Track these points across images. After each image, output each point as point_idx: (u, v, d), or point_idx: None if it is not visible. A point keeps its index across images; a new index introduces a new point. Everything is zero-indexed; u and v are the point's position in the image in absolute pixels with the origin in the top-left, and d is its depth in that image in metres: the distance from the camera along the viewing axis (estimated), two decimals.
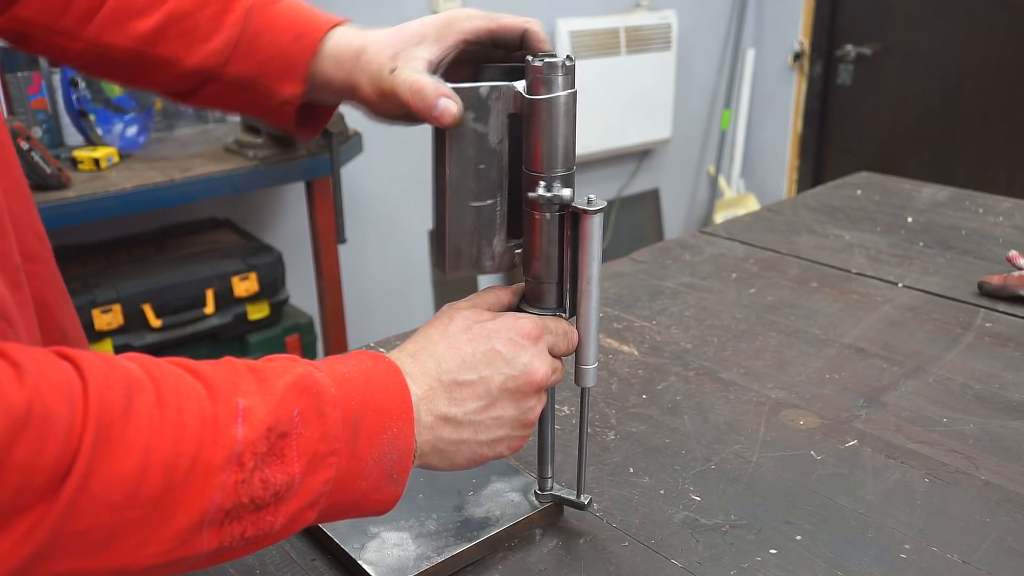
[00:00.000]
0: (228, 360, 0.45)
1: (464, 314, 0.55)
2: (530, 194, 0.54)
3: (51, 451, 0.35)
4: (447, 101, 0.53)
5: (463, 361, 0.52)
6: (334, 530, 0.61)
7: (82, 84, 1.80)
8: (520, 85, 0.54)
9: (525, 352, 0.53)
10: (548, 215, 0.55)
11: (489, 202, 0.56)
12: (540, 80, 0.52)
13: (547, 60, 0.52)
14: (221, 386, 0.42)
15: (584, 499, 0.63)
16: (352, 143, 2.01)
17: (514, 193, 0.57)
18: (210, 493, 0.40)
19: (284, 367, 0.45)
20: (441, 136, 0.55)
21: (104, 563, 0.38)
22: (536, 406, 0.55)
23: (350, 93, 0.61)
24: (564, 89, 0.53)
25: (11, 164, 0.55)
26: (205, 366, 0.43)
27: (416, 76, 0.54)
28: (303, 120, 0.66)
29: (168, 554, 0.40)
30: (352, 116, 2.19)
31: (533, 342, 0.54)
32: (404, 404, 0.49)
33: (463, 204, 0.56)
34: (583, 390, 0.61)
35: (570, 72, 0.53)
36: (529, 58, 0.53)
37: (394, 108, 0.57)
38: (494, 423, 0.53)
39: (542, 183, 0.54)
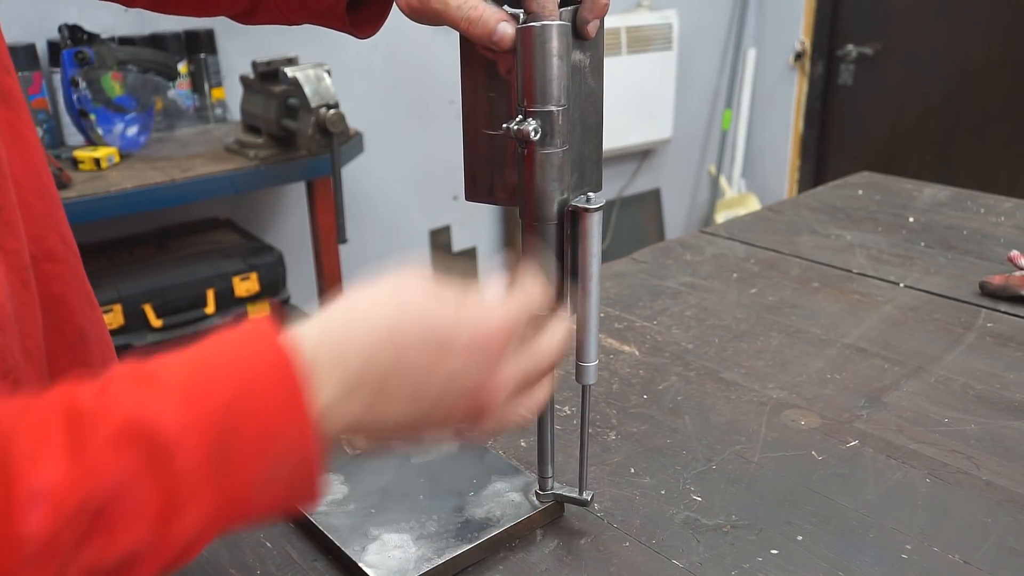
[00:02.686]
0: (51, 401, 0.36)
1: (420, 302, 0.43)
2: (503, 124, 0.53)
3: None
4: (505, 25, 0.51)
5: (398, 364, 0.42)
6: (335, 532, 0.61)
7: (83, 84, 1.80)
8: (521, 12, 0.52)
9: (483, 371, 0.44)
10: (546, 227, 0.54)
11: (501, 131, 0.55)
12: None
13: None
14: (17, 461, 0.33)
15: (587, 495, 0.63)
16: (353, 143, 2.01)
17: None
18: None
19: (108, 407, 0.36)
20: (462, 60, 0.55)
21: None
22: (483, 419, 0.46)
23: None
24: (543, 21, 0.50)
25: (38, 164, 0.55)
26: (10, 422, 0.35)
27: (470, 3, 0.51)
28: (360, 20, 0.65)
29: None
30: (353, 117, 2.19)
31: (496, 356, 0.44)
32: (294, 409, 0.39)
33: (477, 131, 0.56)
34: (584, 387, 0.61)
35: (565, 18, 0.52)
36: None
37: (428, 21, 0.55)
38: (420, 422, 0.44)
39: (518, 117, 0.52)
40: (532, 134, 0.51)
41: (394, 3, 0.59)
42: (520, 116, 0.52)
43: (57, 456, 0.34)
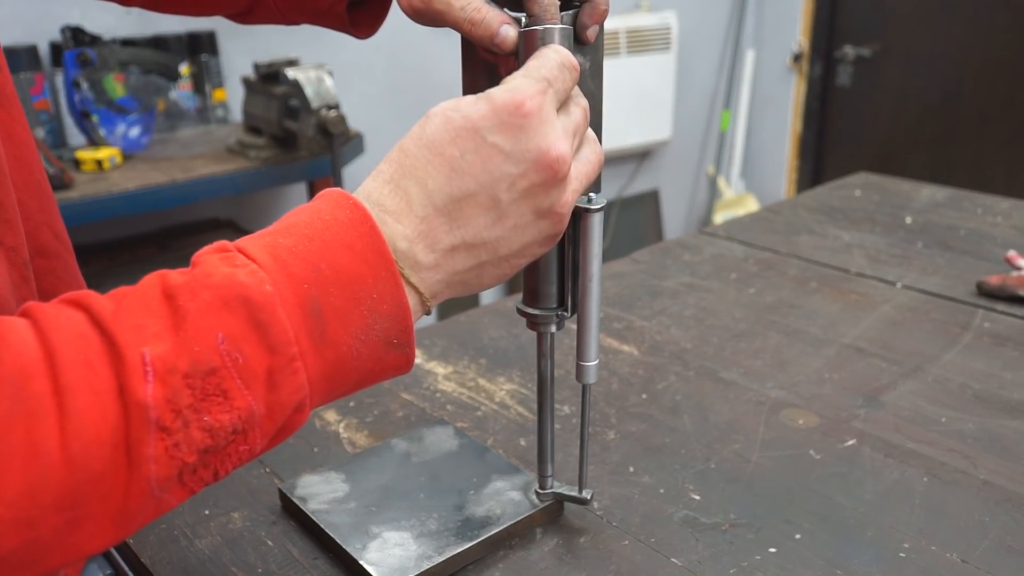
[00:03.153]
0: (146, 285, 0.38)
1: (441, 107, 0.45)
2: None
3: None
4: (507, 28, 0.50)
5: (452, 169, 0.43)
6: (336, 530, 0.62)
7: (85, 85, 1.81)
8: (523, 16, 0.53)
9: (526, 133, 0.43)
10: None
11: None
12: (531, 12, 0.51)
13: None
14: (126, 336, 0.35)
15: (586, 494, 0.64)
16: (353, 144, 2.01)
17: None
18: (142, 470, 0.35)
19: (201, 278, 0.38)
20: (463, 62, 0.55)
21: (61, 558, 0.36)
22: (563, 192, 0.45)
23: None
24: (545, 25, 0.50)
25: (30, 161, 0.55)
26: (112, 307, 0.37)
27: (473, 6, 0.52)
28: (359, 20, 0.65)
29: (128, 530, 0.37)
30: (353, 117, 2.19)
31: (535, 114, 0.43)
32: (379, 260, 0.41)
33: None
34: (584, 386, 0.61)
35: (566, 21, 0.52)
36: None
37: (430, 23, 0.55)
38: (514, 232, 0.45)
39: None
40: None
41: (394, 3, 0.59)
42: None
43: (161, 328, 0.36)
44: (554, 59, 0.46)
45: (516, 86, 0.44)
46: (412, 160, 0.44)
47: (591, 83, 0.56)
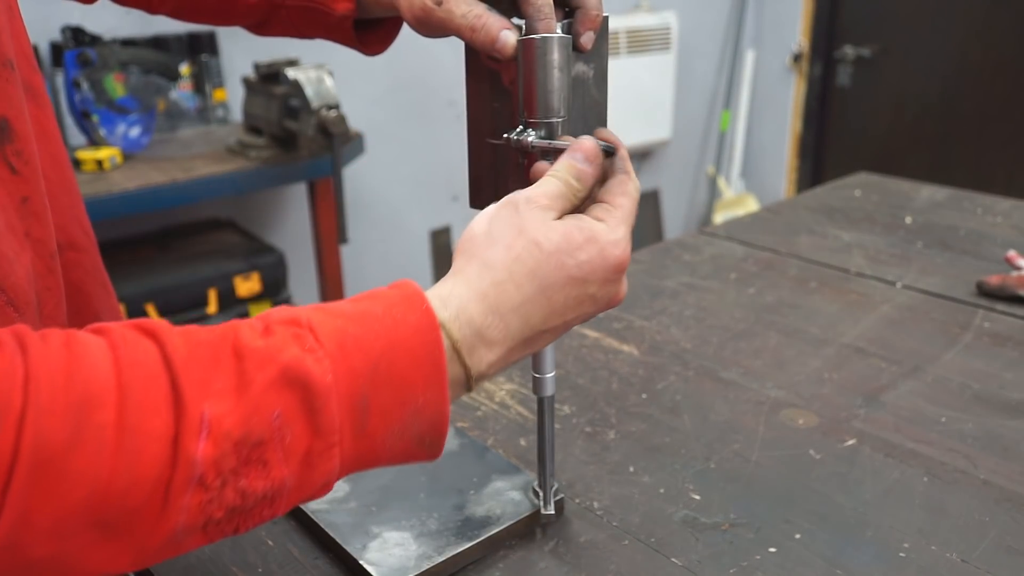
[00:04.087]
0: (219, 337, 0.40)
1: (556, 241, 0.46)
2: (504, 135, 0.54)
3: None
4: (508, 33, 0.52)
5: (552, 311, 0.46)
6: (336, 530, 0.62)
7: (85, 85, 1.81)
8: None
9: (617, 285, 0.49)
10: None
11: (503, 141, 0.55)
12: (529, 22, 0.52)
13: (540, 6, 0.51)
14: (192, 389, 0.37)
15: (549, 509, 0.63)
16: (354, 144, 2.02)
17: None
18: (172, 516, 0.37)
19: (272, 351, 0.39)
20: (467, 70, 0.56)
21: (80, 572, 0.37)
22: (621, 285, 0.50)
23: (394, 10, 0.61)
24: (543, 33, 0.51)
25: (61, 158, 0.57)
26: (184, 353, 0.38)
27: (474, 13, 0.53)
28: (368, 38, 0.67)
29: (144, 564, 0.39)
30: (354, 117, 2.19)
31: (624, 271, 0.49)
32: (435, 373, 0.42)
33: (481, 140, 0.57)
34: (542, 400, 0.61)
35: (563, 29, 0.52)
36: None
37: (433, 32, 0.57)
38: (565, 326, 0.49)
39: (519, 127, 0.53)
40: (531, 146, 0.52)
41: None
42: (521, 127, 0.53)
43: (225, 390, 0.38)
44: (636, 198, 0.51)
45: (622, 242, 0.48)
46: (522, 297, 0.46)
47: (595, 91, 0.56)
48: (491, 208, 0.48)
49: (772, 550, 0.62)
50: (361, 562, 0.59)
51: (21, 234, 0.48)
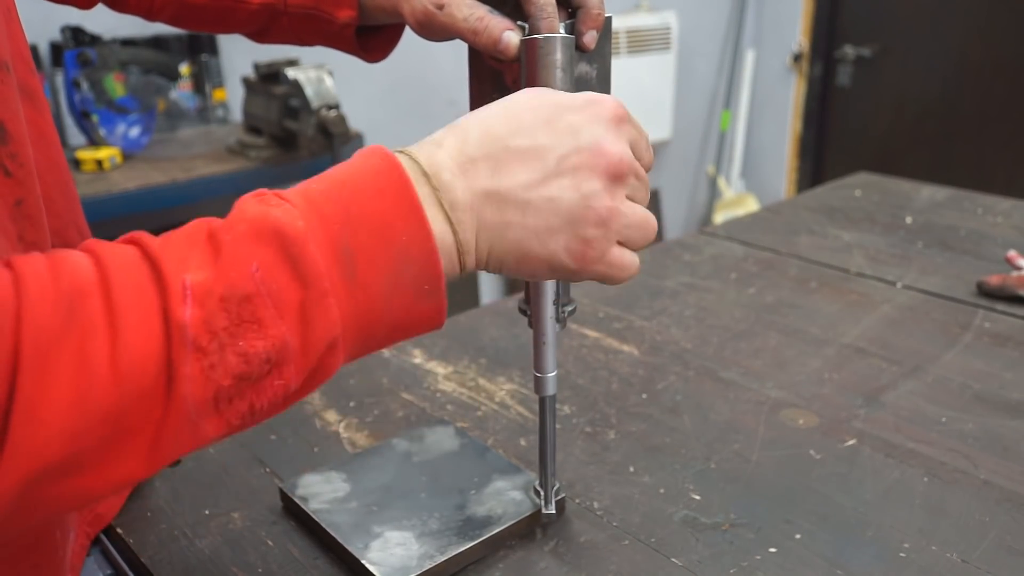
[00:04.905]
0: (192, 226, 0.41)
1: (535, 89, 0.47)
2: None
3: None
4: (510, 34, 0.52)
5: (519, 127, 0.44)
6: (338, 530, 0.62)
7: (85, 85, 1.81)
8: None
9: (599, 126, 0.45)
10: None
11: None
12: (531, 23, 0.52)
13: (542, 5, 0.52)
14: (170, 266, 0.38)
15: (551, 509, 0.63)
16: (354, 144, 2.01)
17: None
18: (178, 390, 0.37)
19: (238, 214, 0.40)
20: (470, 71, 0.56)
21: (99, 478, 0.37)
22: (604, 194, 0.45)
23: (397, 16, 0.61)
24: (543, 33, 0.52)
25: (59, 161, 0.57)
26: (160, 242, 0.39)
27: (476, 15, 0.54)
28: (370, 45, 0.68)
29: (165, 456, 0.38)
30: (354, 117, 2.19)
31: (613, 123, 0.45)
32: (409, 206, 0.41)
33: None
34: (543, 399, 0.61)
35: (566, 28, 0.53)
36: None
37: (437, 36, 0.57)
38: (546, 205, 0.44)
39: None
40: None
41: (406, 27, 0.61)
42: None
43: (202, 260, 0.38)
44: (637, 125, 0.48)
45: (608, 99, 0.46)
46: (486, 114, 0.46)
47: (598, 91, 0.56)
48: None
49: (772, 550, 0.62)
50: (363, 562, 0.59)
51: (14, 237, 0.48)
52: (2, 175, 0.47)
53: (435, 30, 0.56)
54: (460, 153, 0.44)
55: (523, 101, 0.46)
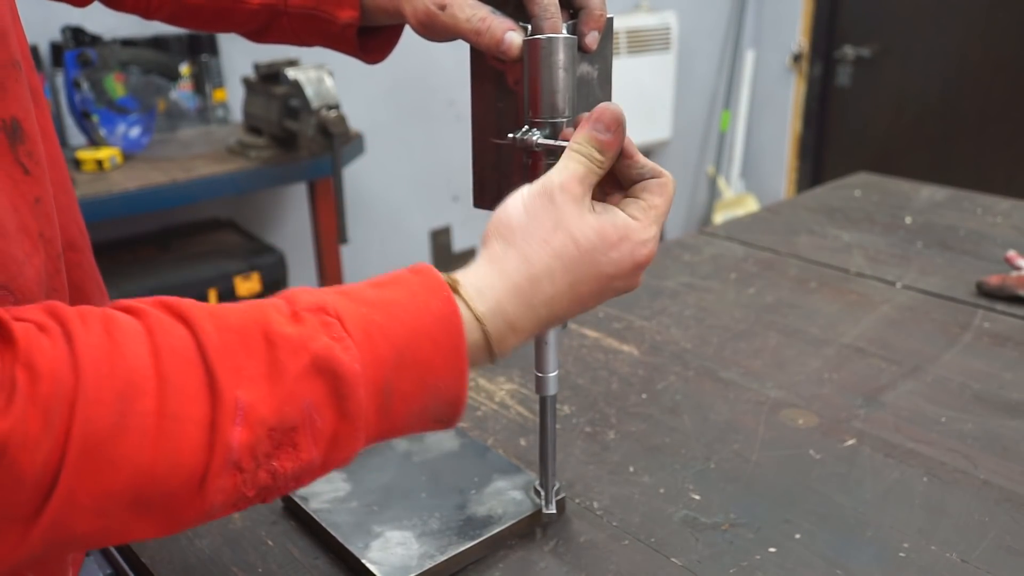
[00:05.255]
0: (249, 322, 0.41)
1: (591, 238, 0.48)
2: (509, 135, 0.54)
3: (29, 476, 0.35)
4: (512, 35, 0.53)
5: (578, 303, 0.49)
6: (338, 529, 0.62)
7: (85, 85, 1.81)
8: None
9: (636, 279, 0.51)
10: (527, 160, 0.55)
11: (508, 141, 0.55)
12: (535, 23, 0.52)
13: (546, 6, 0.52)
14: (226, 377, 0.39)
15: (551, 508, 0.64)
16: (354, 144, 2.02)
17: None
18: (208, 497, 0.39)
19: (303, 340, 0.41)
20: (472, 71, 0.56)
21: (117, 541, 0.40)
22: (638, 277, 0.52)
23: (398, 16, 0.62)
24: (546, 34, 0.52)
25: (58, 159, 0.58)
26: (216, 340, 0.40)
27: (479, 16, 0.54)
28: (370, 46, 0.68)
29: (178, 530, 0.41)
30: (354, 117, 2.19)
31: (646, 267, 0.51)
32: (456, 359, 0.45)
33: (485, 140, 0.58)
34: (544, 399, 0.61)
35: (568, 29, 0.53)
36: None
37: (439, 37, 0.58)
38: (583, 311, 0.51)
39: (525, 127, 0.53)
40: (536, 145, 0.52)
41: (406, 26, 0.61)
42: (526, 126, 0.53)
43: (258, 376, 0.40)
44: (671, 195, 0.52)
45: (650, 241, 0.50)
46: (554, 291, 0.48)
47: (599, 91, 0.56)
48: (524, 193, 0.49)
49: (772, 550, 0.62)
50: (364, 561, 0.59)
51: (35, 235, 0.48)
52: (21, 173, 0.47)
53: (437, 30, 0.56)
54: (526, 332, 0.48)
55: (586, 278, 0.48)
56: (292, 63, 1.90)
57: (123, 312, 0.40)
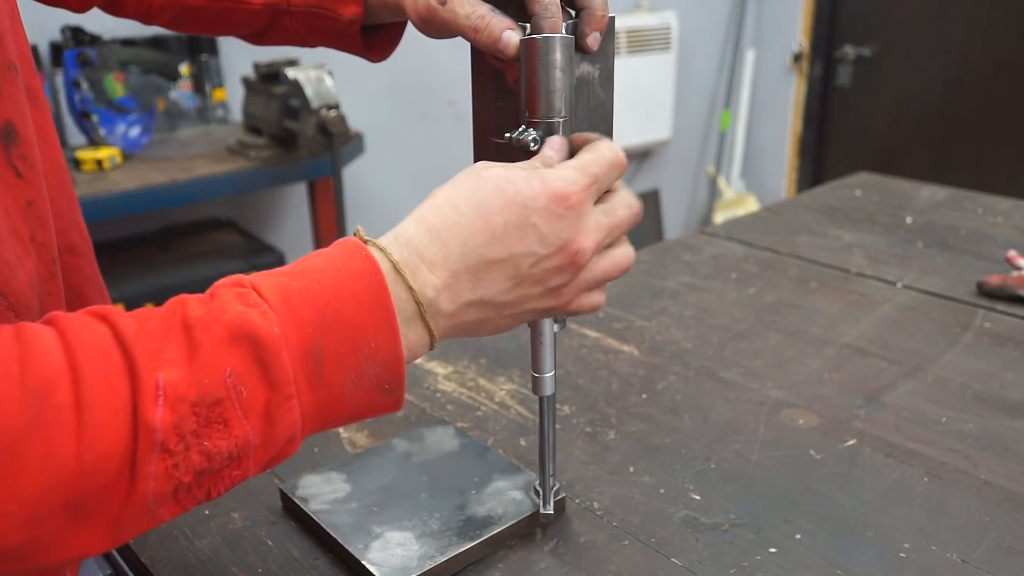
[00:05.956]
0: (167, 311, 0.41)
1: (495, 172, 0.48)
2: (506, 134, 0.54)
3: None
4: (510, 33, 0.53)
5: (493, 235, 0.46)
6: (337, 530, 0.62)
7: (85, 85, 1.81)
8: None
9: (563, 222, 0.47)
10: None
11: (505, 141, 0.55)
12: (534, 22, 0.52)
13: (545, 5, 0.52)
14: (145, 360, 0.38)
15: (550, 509, 0.63)
16: (354, 144, 2.02)
17: None
18: (140, 486, 0.38)
19: (217, 313, 0.40)
20: (472, 70, 0.57)
21: (58, 555, 0.38)
22: (574, 278, 0.49)
23: (400, 12, 0.62)
24: (543, 34, 0.52)
25: (59, 161, 0.57)
26: (135, 328, 0.39)
27: (478, 13, 0.54)
28: (373, 44, 0.68)
29: (122, 537, 0.39)
30: (354, 117, 2.19)
31: (576, 208, 0.47)
32: (382, 313, 0.43)
33: (485, 139, 0.58)
34: (543, 399, 0.61)
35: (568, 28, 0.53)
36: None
37: (438, 33, 0.58)
38: (522, 300, 0.49)
39: (521, 127, 0.53)
40: (532, 144, 0.52)
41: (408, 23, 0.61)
42: (523, 126, 0.53)
43: (178, 358, 0.39)
44: (607, 156, 0.50)
45: (569, 177, 0.48)
46: (459, 217, 0.47)
47: (601, 92, 0.56)
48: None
49: (772, 550, 0.62)
50: (363, 562, 0.59)
51: (26, 238, 0.48)
52: (13, 176, 0.47)
53: (436, 26, 0.56)
54: (443, 268, 0.46)
55: (492, 202, 0.47)
56: (292, 63, 1.90)
57: (40, 323, 0.39)
